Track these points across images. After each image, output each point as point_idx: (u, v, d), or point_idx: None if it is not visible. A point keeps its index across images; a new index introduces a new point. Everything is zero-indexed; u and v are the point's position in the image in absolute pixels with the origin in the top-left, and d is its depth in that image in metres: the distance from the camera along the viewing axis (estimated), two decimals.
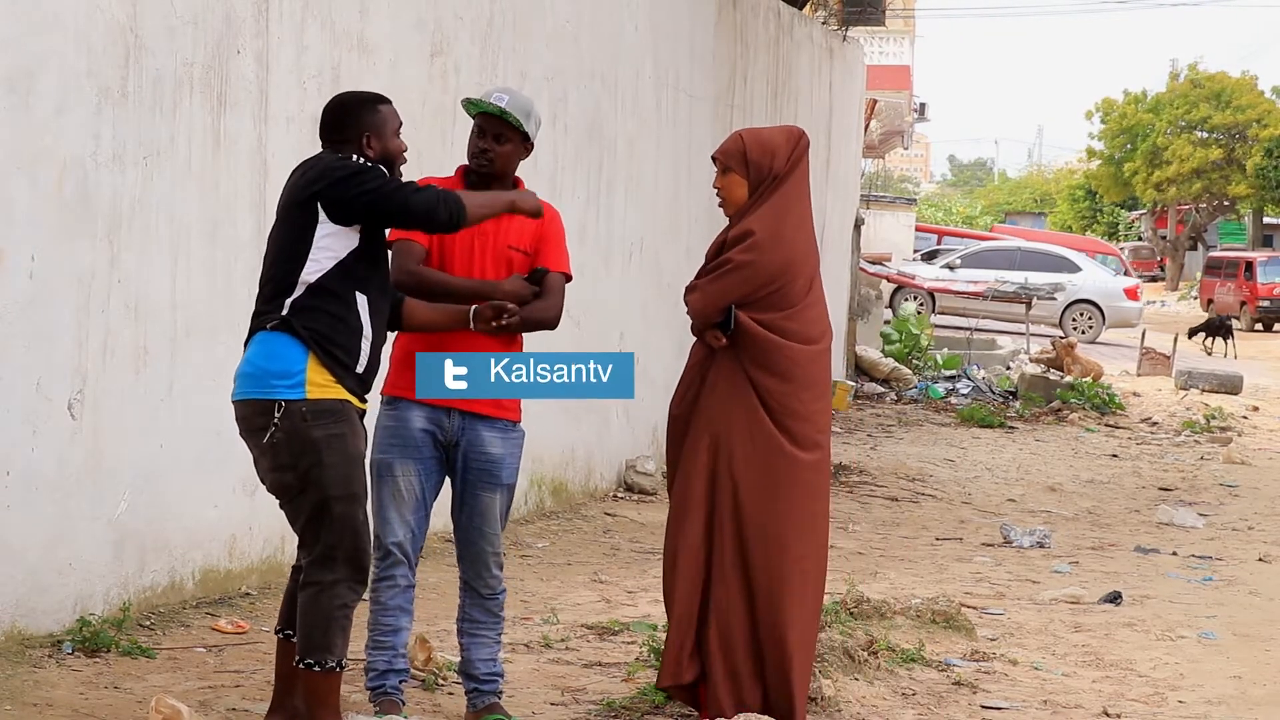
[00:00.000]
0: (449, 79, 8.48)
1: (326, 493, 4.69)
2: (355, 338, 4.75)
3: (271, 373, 4.67)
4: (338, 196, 4.68)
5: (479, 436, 5.25)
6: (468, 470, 5.28)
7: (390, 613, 5.27)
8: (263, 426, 4.68)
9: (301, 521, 4.76)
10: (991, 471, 13.62)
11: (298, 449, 4.67)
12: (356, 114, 4.89)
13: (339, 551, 4.71)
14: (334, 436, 4.69)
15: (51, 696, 5.47)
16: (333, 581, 4.71)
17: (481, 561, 5.36)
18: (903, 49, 40.75)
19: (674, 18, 11.75)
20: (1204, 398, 19.99)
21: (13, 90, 5.76)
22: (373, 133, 4.87)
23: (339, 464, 4.69)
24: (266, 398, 4.67)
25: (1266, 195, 54.42)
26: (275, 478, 4.76)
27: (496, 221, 5.24)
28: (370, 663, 5.33)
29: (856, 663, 6.23)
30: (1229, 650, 7.33)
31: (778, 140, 5.42)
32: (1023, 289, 25.90)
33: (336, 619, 4.73)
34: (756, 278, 5.27)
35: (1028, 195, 79.05)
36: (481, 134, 5.27)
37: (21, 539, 5.88)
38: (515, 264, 5.26)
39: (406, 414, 5.20)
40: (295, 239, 4.73)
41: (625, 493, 10.83)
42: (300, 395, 4.66)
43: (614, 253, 10.77)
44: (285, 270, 4.73)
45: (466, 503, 5.32)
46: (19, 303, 5.82)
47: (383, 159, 4.86)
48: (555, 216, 5.42)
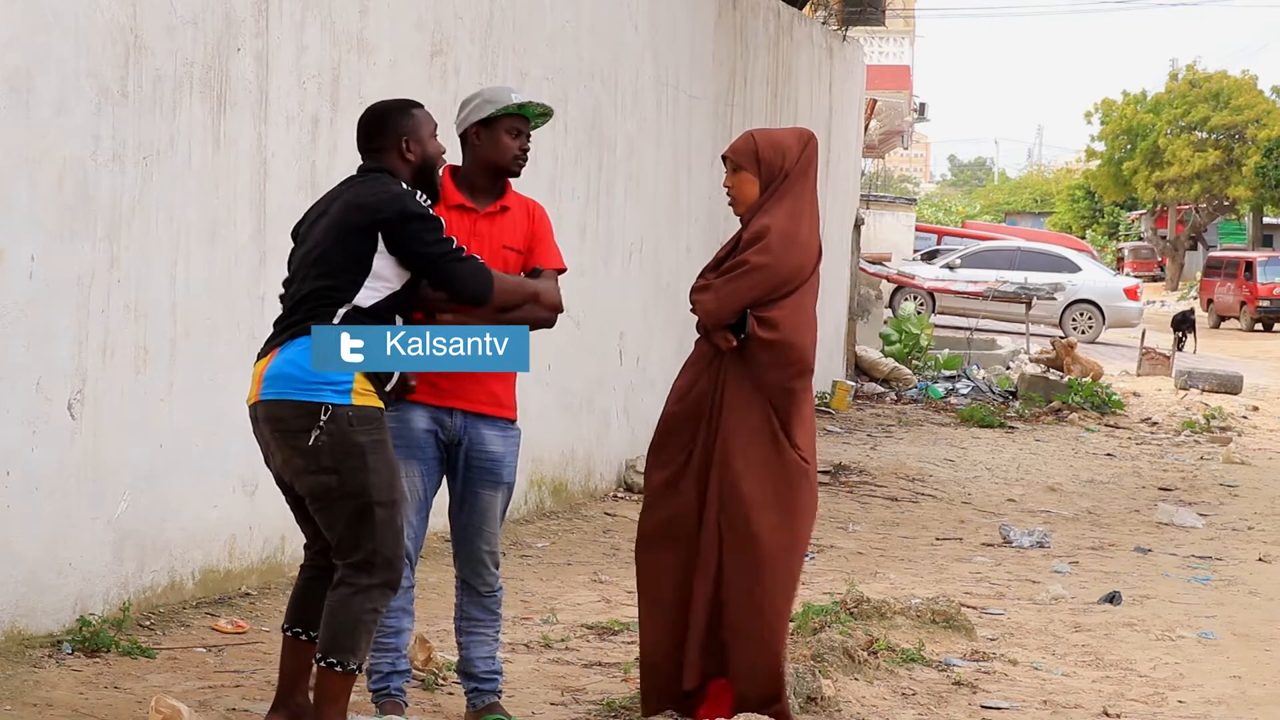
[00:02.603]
0: (449, 79, 8.48)
1: (370, 498, 4.71)
2: None
3: (319, 376, 4.69)
4: (402, 236, 4.75)
5: (481, 435, 5.27)
6: (469, 469, 5.29)
7: (392, 614, 5.26)
8: (304, 428, 4.69)
9: (340, 526, 4.76)
10: (991, 471, 13.62)
11: (342, 453, 4.69)
12: (393, 121, 4.94)
13: (378, 556, 4.74)
14: (377, 443, 4.74)
15: (51, 696, 5.47)
16: (368, 586, 4.74)
17: (480, 560, 5.36)
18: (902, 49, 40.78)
19: (674, 18, 11.75)
20: (1204, 398, 20.00)
21: (13, 90, 5.76)
22: (410, 137, 4.93)
23: (383, 469, 4.74)
24: (312, 400, 4.69)
25: (1266, 195, 54.42)
26: (314, 480, 4.75)
27: (491, 221, 5.27)
28: (373, 664, 5.33)
29: (856, 663, 6.24)
30: (1229, 650, 7.33)
31: (789, 140, 5.45)
32: (1023, 289, 25.90)
33: (365, 622, 4.76)
34: (772, 279, 5.27)
35: (1027, 195, 79.03)
36: (518, 134, 5.31)
37: (21, 539, 5.88)
38: (510, 263, 5.27)
39: (409, 415, 5.21)
40: (353, 258, 4.77)
41: (625, 493, 10.83)
42: (347, 400, 4.70)
43: (614, 253, 10.77)
44: (343, 283, 4.76)
45: (467, 501, 5.33)
46: (19, 303, 5.82)
47: (423, 162, 4.94)
48: (543, 213, 5.45)
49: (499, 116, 5.29)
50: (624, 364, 10.99)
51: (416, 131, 4.94)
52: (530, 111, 5.32)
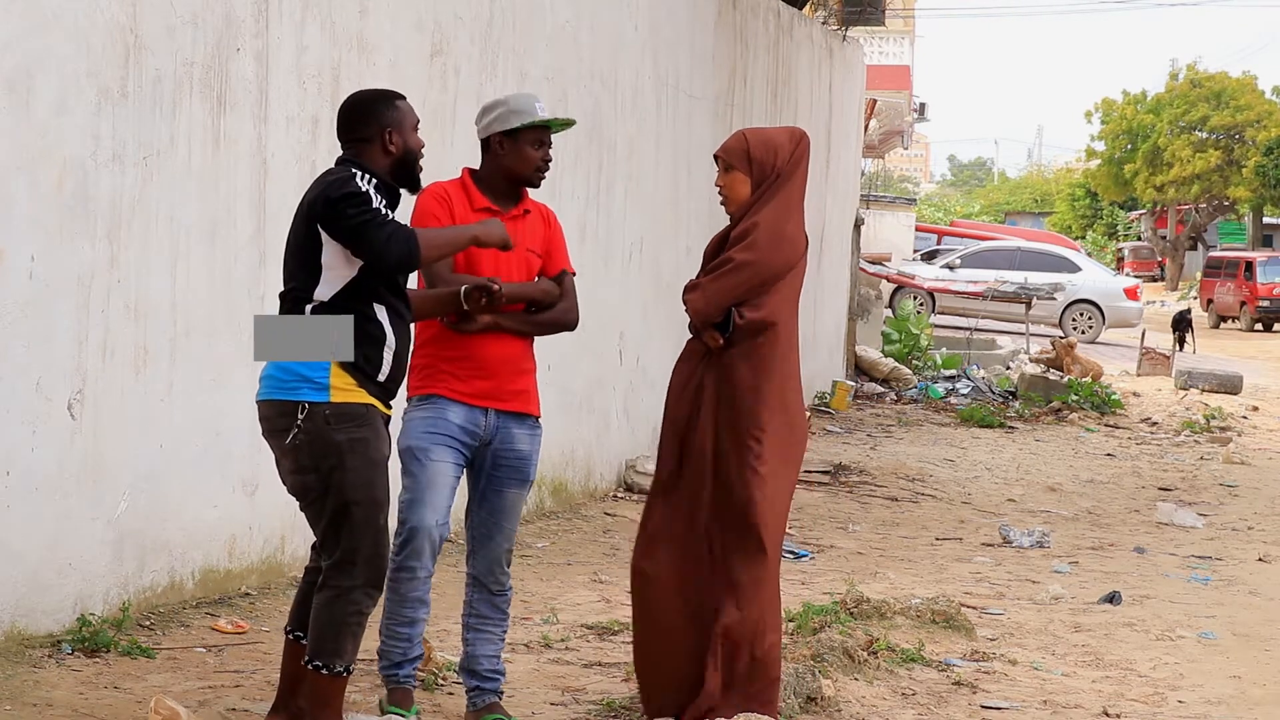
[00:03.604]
0: (449, 79, 8.48)
1: (347, 497, 4.70)
2: (377, 346, 4.76)
3: (296, 375, 4.68)
4: (327, 217, 4.70)
5: (511, 434, 5.32)
6: (496, 467, 5.33)
7: (409, 604, 5.27)
8: (285, 428, 4.69)
9: (322, 525, 4.77)
10: (991, 471, 13.62)
11: (319, 451, 4.68)
12: (375, 111, 4.89)
13: (358, 556, 4.72)
14: (356, 440, 4.70)
15: (51, 696, 5.46)
16: (350, 587, 4.72)
17: (495, 558, 5.39)
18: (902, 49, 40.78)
19: (674, 18, 11.75)
20: (1204, 398, 20.01)
21: (13, 90, 5.76)
22: (393, 128, 4.87)
23: (361, 468, 4.70)
24: (290, 399, 4.69)
25: (1266, 195, 54.42)
26: (296, 479, 4.77)
27: (515, 224, 5.31)
28: (384, 650, 5.33)
29: (856, 663, 6.24)
30: (1229, 650, 7.33)
31: (780, 139, 5.44)
32: (1023, 289, 25.90)
33: (350, 625, 4.75)
34: (758, 277, 5.26)
35: (1027, 195, 79.02)
36: (541, 145, 5.35)
37: (21, 539, 5.88)
38: (532, 266, 5.35)
39: (444, 409, 5.24)
40: (307, 253, 4.75)
41: (625, 493, 10.83)
42: (324, 398, 4.67)
43: (614, 253, 10.77)
44: (301, 282, 4.76)
45: (489, 499, 5.35)
46: (19, 303, 5.82)
47: (404, 155, 4.88)
48: (556, 218, 5.54)
49: (525, 128, 5.32)
50: (624, 364, 10.99)
51: (400, 124, 4.88)
52: (556, 126, 5.38)
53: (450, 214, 5.23)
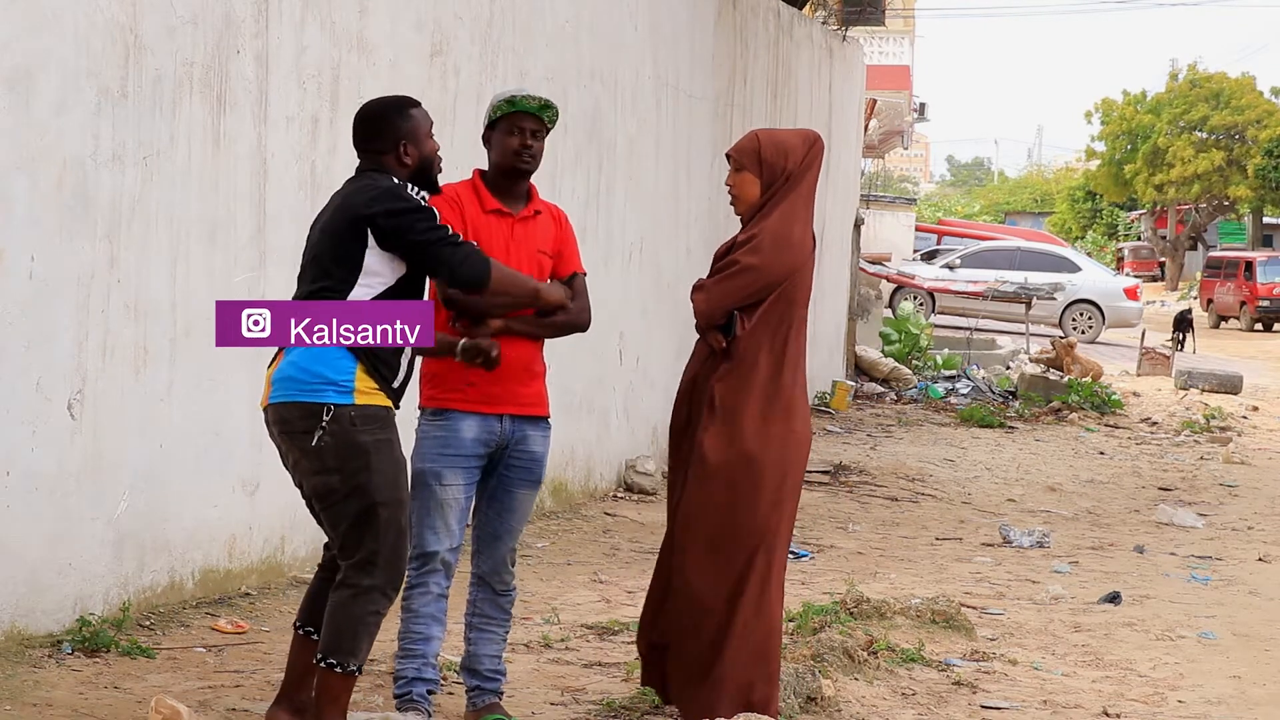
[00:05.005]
0: (449, 79, 8.48)
1: (374, 498, 4.71)
2: (397, 354, 4.81)
3: (320, 377, 4.69)
4: (392, 228, 4.72)
5: (525, 436, 5.31)
6: (509, 469, 5.32)
7: (422, 620, 5.25)
8: (308, 430, 4.69)
9: (344, 526, 4.76)
10: (991, 471, 13.62)
11: (345, 453, 4.69)
12: (391, 124, 4.91)
13: (380, 557, 4.73)
14: (381, 442, 4.73)
15: (51, 696, 5.47)
16: (369, 587, 4.73)
17: (501, 558, 5.40)
18: (902, 49, 40.76)
19: (674, 18, 11.75)
20: (1204, 397, 20.01)
21: (13, 90, 5.76)
22: (408, 141, 4.90)
23: (387, 469, 4.73)
24: (314, 401, 4.69)
25: (1266, 195, 54.42)
26: (319, 481, 4.76)
27: (525, 225, 5.28)
28: (399, 669, 5.30)
29: (856, 663, 6.24)
30: (1229, 650, 7.33)
31: (793, 141, 5.45)
32: (1022, 289, 25.90)
33: (367, 625, 4.76)
34: (762, 280, 5.27)
35: (1027, 195, 79.01)
36: (520, 132, 5.27)
37: (21, 539, 5.88)
38: (544, 267, 5.30)
39: (458, 425, 5.20)
40: (345, 258, 4.76)
41: (625, 493, 10.83)
42: (349, 400, 4.70)
43: (614, 253, 10.77)
44: (332, 286, 4.75)
45: (499, 499, 5.35)
46: (19, 303, 5.82)
47: (421, 163, 4.91)
48: (567, 219, 5.49)
49: (499, 118, 5.29)
50: (624, 364, 10.99)
51: (414, 134, 4.91)
52: (525, 106, 5.27)
53: (461, 216, 5.19)
